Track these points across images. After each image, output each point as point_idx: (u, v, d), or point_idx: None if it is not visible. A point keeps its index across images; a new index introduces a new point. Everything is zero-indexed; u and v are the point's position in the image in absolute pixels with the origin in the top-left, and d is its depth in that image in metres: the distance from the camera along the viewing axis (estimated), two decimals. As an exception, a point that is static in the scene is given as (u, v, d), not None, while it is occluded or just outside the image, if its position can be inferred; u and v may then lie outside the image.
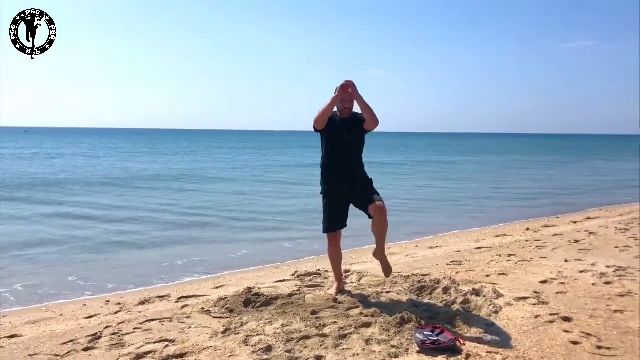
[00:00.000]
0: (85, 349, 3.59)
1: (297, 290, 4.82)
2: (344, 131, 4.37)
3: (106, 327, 4.04)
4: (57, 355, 3.53)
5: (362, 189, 4.39)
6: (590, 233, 8.00)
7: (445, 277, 5.06)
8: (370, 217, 4.27)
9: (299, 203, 14.02)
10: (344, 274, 5.15)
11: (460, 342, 3.41)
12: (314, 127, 4.42)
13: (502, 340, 3.50)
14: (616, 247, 6.76)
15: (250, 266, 7.10)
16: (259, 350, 3.37)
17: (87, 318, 4.53)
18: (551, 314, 4.00)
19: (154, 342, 3.62)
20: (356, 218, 4.63)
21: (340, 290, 4.64)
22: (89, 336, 3.84)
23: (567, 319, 3.90)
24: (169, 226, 10.44)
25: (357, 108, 4.42)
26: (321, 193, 4.56)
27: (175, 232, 9.79)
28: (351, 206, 4.52)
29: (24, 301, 5.65)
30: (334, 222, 4.53)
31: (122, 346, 3.60)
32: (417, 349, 3.33)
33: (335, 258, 4.67)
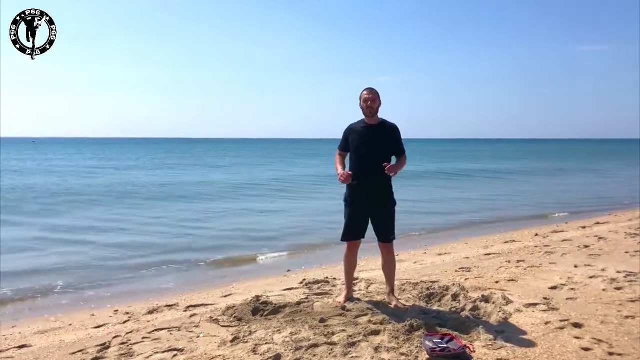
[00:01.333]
0: (94, 359, 3.60)
1: (305, 298, 4.81)
2: (370, 142, 4.35)
3: (115, 337, 4.05)
4: (66, 365, 3.54)
5: (382, 213, 4.44)
6: (600, 238, 7.95)
7: (453, 284, 5.04)
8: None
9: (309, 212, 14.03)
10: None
11: (469, 349, 3.39)
12: None
13: (512, 346, 3.47)
14: (626, 252, 6.70)
15: (257, 273, 7.09)
16: (267, 358, 3.36)
17: (95, 327, 4.54)
18: (561, 320, 3.98)
19: (163, 351, 3.62)
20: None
21: (349, 298, 4.63)
22: (97, 345, 3.85)
23: (577, 325, 3.87)
24: (176, 237, 10.48)
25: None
26: (344, 200, 4.54)
27: (182, 244, 9.82)
28: None
29: (33, 311, 5.67)
30: (351, 233, 4.53)
31: (131, 355, 3.61)
32: (427, 356, 3.32)
33: (350, 265, 4.67)
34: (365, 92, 4.41)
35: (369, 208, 4.42)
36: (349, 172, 4.33)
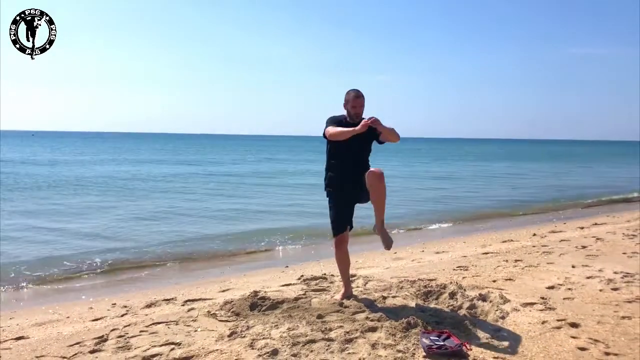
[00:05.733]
0: (92, 351, 3.60)
1: (303, 294, 4.81)
2: (355, 140, 4.26)
3: (112, 330, 4.06)
4: (64, 357, 3.54)
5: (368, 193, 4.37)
6: (598, 239, 7.95)
7: (451, 282, 5.04)
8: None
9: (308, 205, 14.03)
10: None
11: (466, 347, 3.39)
12: (325, 136, 4.33)
13: (509, 345, 3.48)
14: (624, 253, 6.71)
15: (255, 268, 7.10)
16: (264, 354, 3.36)
17: (93, 320, 4.55)
18: (558, 320, 3.98)
19: (160, 345, 3.63)
20: (361, 221, 4.62)
21: (347, 295, 4.62)
22: (95, 338, 3.85)
23: (574, 325, 3.88)
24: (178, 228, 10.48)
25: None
26: (327, 196, 4.53)
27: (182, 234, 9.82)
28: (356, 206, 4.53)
29: (31, 303, 5.68)
30: (342, 222, 4.47)
31: (128, 349, 3.61)
32: (424, 353, 3.32)
33: (343, 262, 4.62)
34: (353, 95, 4.29)
35: (353, 193, 4.38)
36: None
